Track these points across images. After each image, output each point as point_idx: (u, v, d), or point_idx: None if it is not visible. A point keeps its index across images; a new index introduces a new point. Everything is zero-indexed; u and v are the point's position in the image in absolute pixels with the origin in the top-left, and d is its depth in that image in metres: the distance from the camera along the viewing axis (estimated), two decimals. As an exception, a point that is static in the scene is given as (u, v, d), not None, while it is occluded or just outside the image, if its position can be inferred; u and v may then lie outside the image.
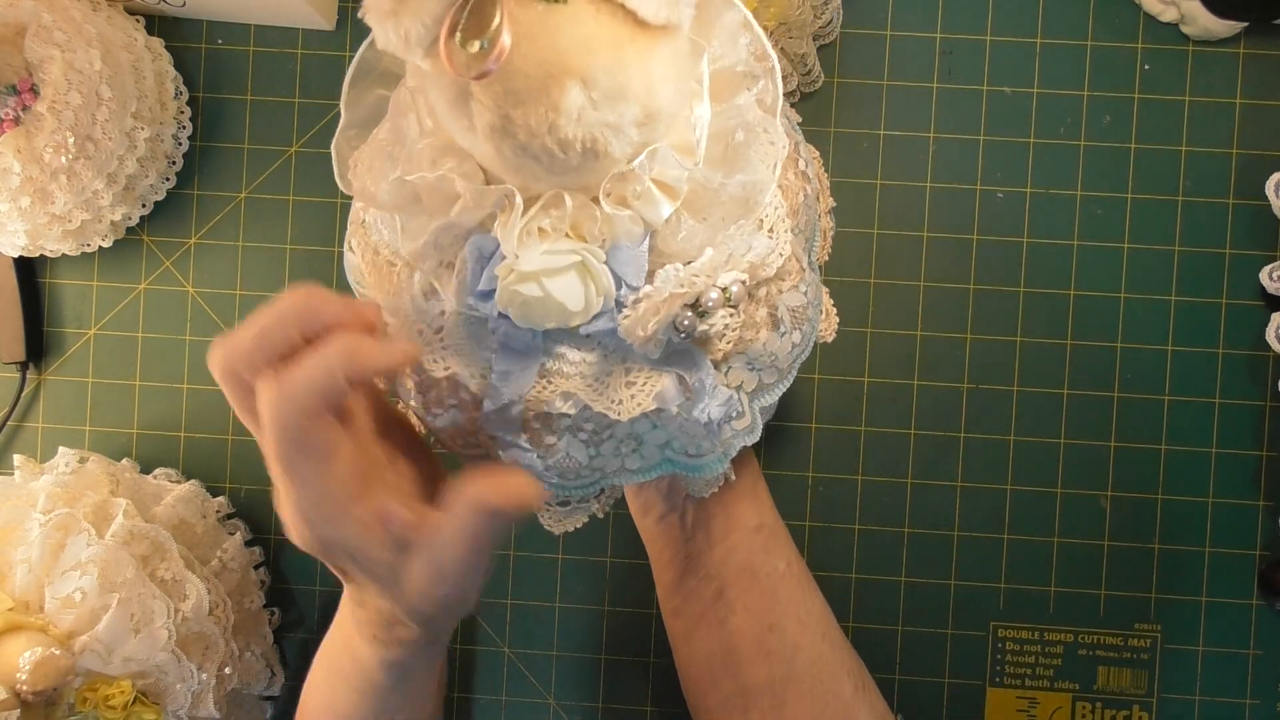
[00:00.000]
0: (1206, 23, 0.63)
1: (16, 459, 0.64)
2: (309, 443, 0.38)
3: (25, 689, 0.50)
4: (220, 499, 0.67)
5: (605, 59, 0.30)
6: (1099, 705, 0.67)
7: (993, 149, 0.66)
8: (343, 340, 0.37)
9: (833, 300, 0.57)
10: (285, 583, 0.70)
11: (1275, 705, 0.66)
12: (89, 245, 0.66)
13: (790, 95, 0.65)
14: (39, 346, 0.69)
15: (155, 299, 0.69)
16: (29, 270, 0.69)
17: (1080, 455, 0.66)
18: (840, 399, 0.67)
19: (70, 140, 0.58)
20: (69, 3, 0.60)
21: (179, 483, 0.67)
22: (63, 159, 0.58)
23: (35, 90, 0.59)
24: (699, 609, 0.53)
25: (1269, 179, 0.64)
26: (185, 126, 0.67)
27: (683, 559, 0.53)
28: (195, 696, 0.57)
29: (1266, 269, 0.64)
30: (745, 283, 0.37)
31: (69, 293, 0.69)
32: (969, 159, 0.66)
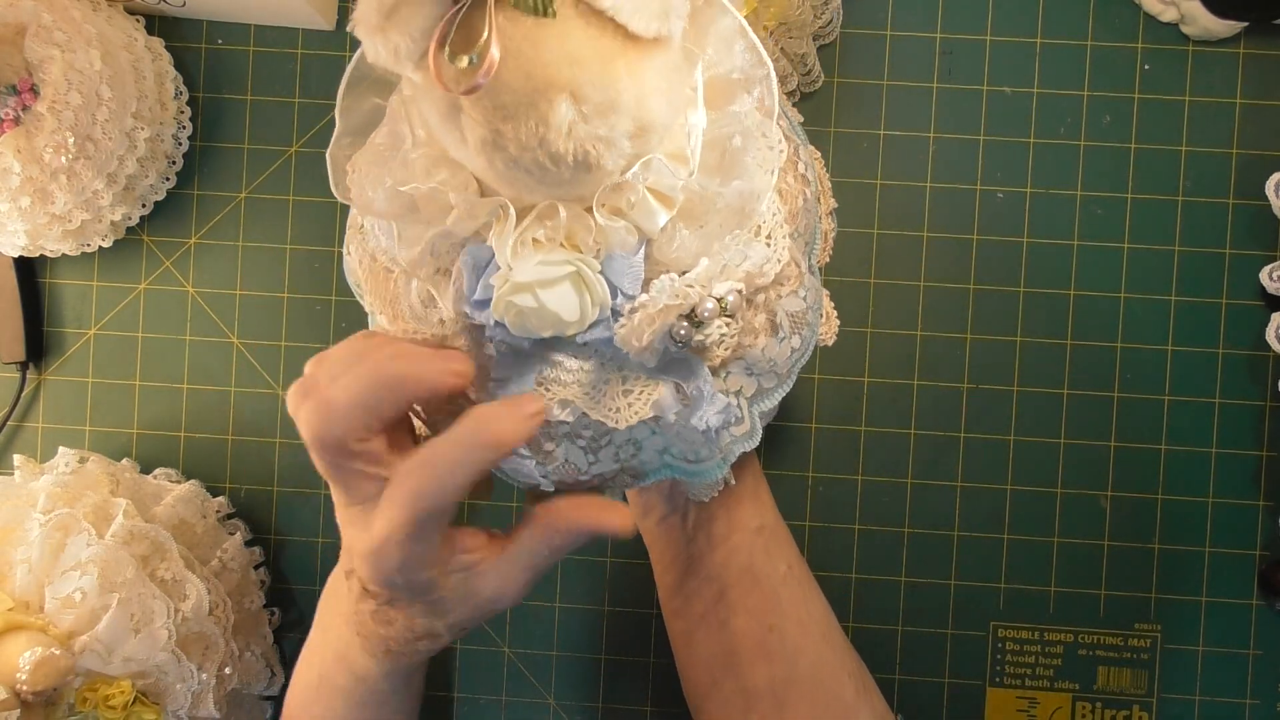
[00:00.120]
0: (1206, 23, 0.63)
1: (16, 459, 0.64)
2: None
3: (25, 689, 0.50)
4: (220, 499, 0.67)
5: (595, 73, 0.30)
6: (1099, 705, 0.67)
7: (993, 149, 0.66)
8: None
9: (833, 303, 0.57)
10: (285, 583, 0.70)
11: (1275, 705, 0.66)
12: (89, 245, 0.66)
13: (790, 95, 0.65)
14: (39, 346, 0.69)
15: (155, 299, 0.69)
16: (29, 270, 0.69)
17: (1080, 455, 0.66)
18: (840, 399, 0.67)
19: (70, 140, 0.58)
20: (69, 3, 0.60)
21: (179, 483, 0.67)
22: (63, 159, 0.58)
23: (35, 90, 0.59)
24: (700, 611, 0.53)
25: (1269, 179, 0.63)
26: (185, 126, 0.67)
27: (684, 561, 0.53)
28: (195, 696, 0.57)
29: (1266, 269, 0.63)
30: (741, 292, 0.37)
31: (69, 293, 0.69)
32: (969, 159, 0.66)
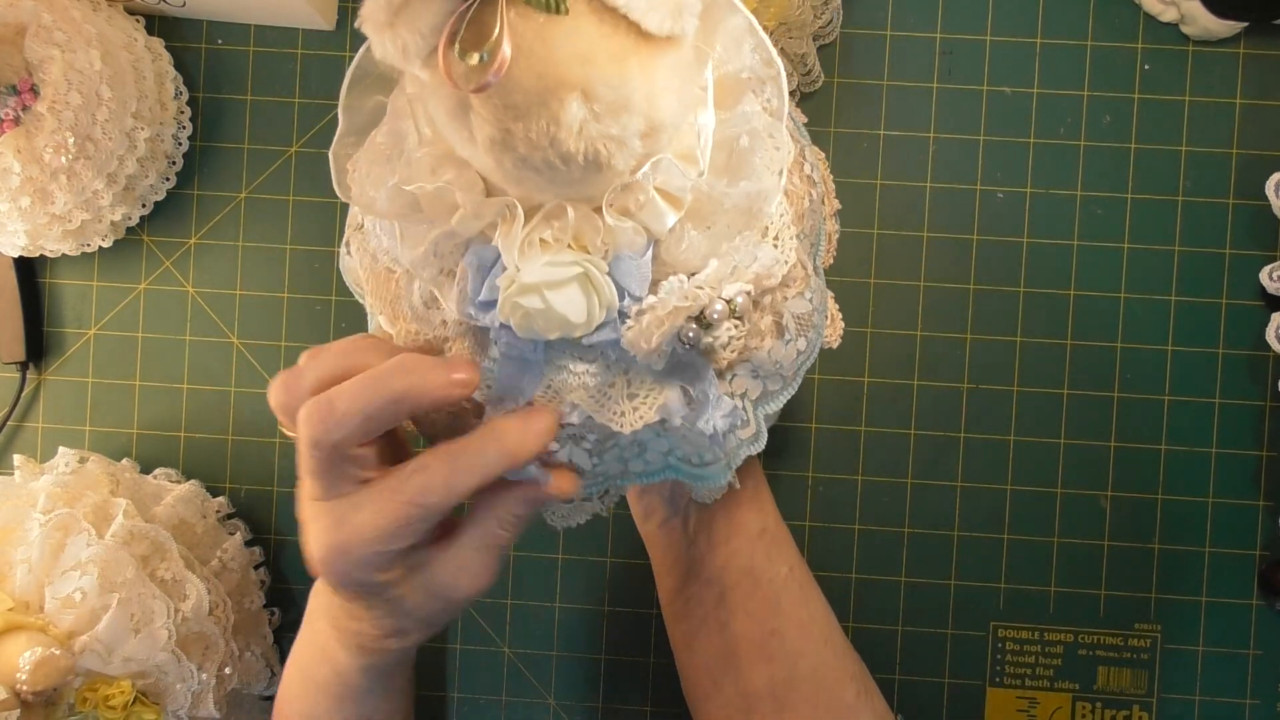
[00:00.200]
0: (1206, 23, 0.63)
1: (16, 459, 0.64)
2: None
3: (25, 689, 0.50)
4: (220, 499, 0.67)
5: (607, 71, 0.29)
6: (1099, 705, 0.67)
7: (993, 149, 0.66)
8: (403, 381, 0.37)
9: (838, 305, 0.57)
10: (285, 583, 0.70)
11: (1275, 705, 0.66)
12: (89, 245, 0.66)
13: (790, 96, 0.65)
14: (39, 346, 0.69)
15: (155, 299, 0.69)
16: (29, 270, 0.68)
17: (1080, 455, 0.66)
18: (840, 399, 0.67)
19: (70, 140, 0.58)
20: (69, 3, 0.59)
21: (179, 483, 0.67)
22: (63, 159, 0.58)
23: (35, 90, 0.59)
24: (700, 613, 0.53)
25: (1269, 179, 0.64)
26: (185, 126, 0.67)
27: (684, 564, 0.53)
28: (195, 696, 0.57)
29: (1266, 269, 0.64)
30: (750, 294, 0.36)
31: (69, 293, 0.69)
32: (969, 159, 0.66)
